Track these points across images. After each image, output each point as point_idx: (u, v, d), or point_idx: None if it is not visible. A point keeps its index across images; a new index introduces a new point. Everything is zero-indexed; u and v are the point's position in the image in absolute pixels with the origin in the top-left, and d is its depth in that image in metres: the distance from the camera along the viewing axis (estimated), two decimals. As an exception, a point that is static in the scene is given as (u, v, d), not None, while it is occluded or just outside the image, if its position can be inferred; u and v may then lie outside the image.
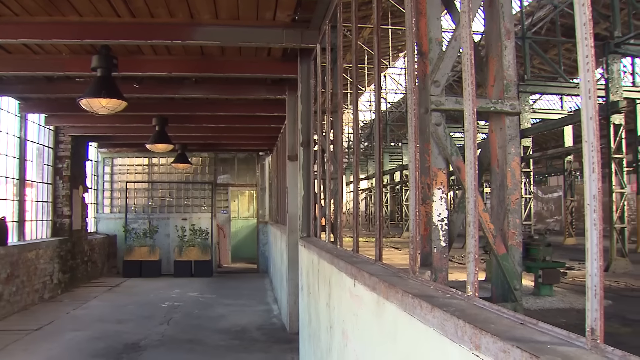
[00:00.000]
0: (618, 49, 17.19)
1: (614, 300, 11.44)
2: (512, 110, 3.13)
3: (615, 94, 17.09)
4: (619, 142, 17.02)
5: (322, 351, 5.24)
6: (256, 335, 9.49)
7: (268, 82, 10.06)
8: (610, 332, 8.80)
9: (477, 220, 2.21)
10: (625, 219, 17.22)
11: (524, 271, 12.67)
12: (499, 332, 1.67)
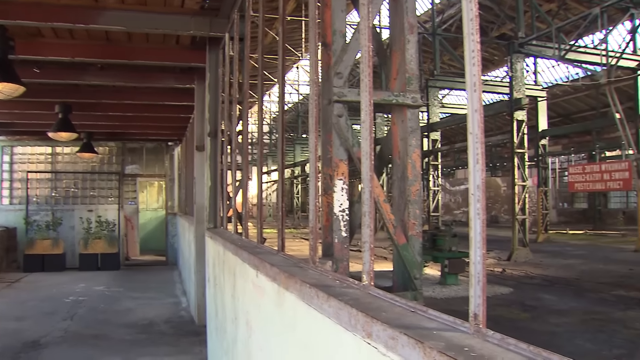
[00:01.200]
0: (522, 49, 17.89)
1: (515, 288, 11.95)
2: (414, 103, 3.18)
3: (519, 92, 17.80)
4: (521, 138, 17.74)
5: (228, 343, 5.21)
6: (164, 329, 9.32)
7: (177, 70, 9.87)
8: (511, 318, 9.18)
9: (373, 210, 2.23)
10: (526, 210, 18.01)
11: (431, 261, 13.09)
12: (389, 319, 1.70)
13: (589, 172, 20.54)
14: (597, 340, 7.88)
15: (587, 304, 10.28)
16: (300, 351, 2.70)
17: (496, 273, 14.23)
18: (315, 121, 2.95)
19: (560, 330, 8.44)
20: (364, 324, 1.78)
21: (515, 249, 17.03)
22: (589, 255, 18.18)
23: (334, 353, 2.18)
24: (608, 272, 14.37)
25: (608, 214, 35.82)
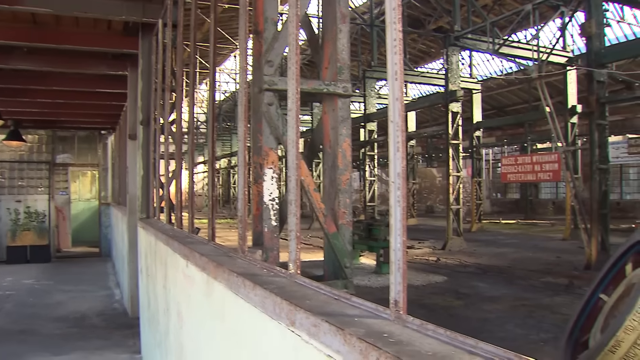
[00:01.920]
0: (457, 42, 18.16)
1: (449, 276, 12.17)
2: (345, 93, 3.18)
3: (454, 84, 18.09)
4: (456, 129, 18.05)
5: (161, 334, 5.13)
6: (96, 322, 9.10)
7: (109, 57, 9.59)
8: (445, 306, 9.35)
9: (299, 199, 2.22)
10: (460, 200, 18.37)
11: (367, 250, 13.22)
12: (313, 307, 1.69)
13: (520, 164, 21.08)
14: (526, 325, 8.11)
15: (518, 291, 10.56)
16: (228, 341, 2.68)
17: (431, 262, 14.48)
18: (244, 109, 2.92)
19: (492, 316, 8.65)
20: (288, 312, 1.78)
21: (449, 238, 17.36)
22: (520, 244, 18.70)
23: (260, 342, 2.16)
24: (538, 260, 14.81)
25: (539, 204, 36.91)
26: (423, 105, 27.20)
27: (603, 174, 13.40)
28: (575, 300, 9.25)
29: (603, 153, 13.52)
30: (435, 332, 1.38)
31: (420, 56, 33.33)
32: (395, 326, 1.49)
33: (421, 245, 18.29)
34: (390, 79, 1.52)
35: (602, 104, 13.62)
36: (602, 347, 3.57)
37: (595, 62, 13.51)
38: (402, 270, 1.50)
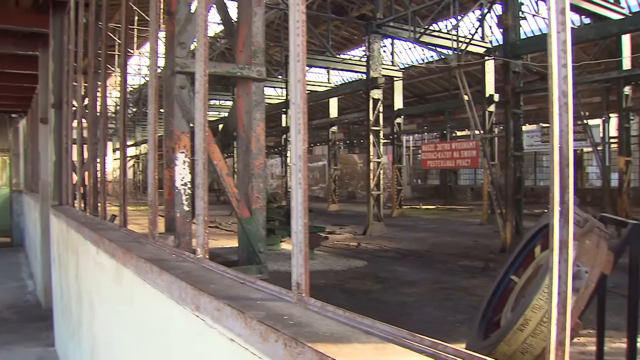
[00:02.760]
0: (379, 30, 18.30)
1: (370, 261, 12.31)
2: (259, 77, 3.15)
3: (375, 71, 18.24)
4: (377, 116, 18.23)
5: (74, 325, 4.98)
6: (6, 315, 8.73)
7: (18, 35, 9.11)
8: (365, 290, 9.44)
9: (206, 182, 2.19)
10: (381, 186, 18.61)
11: (288, 236, 13.22)
12: (217, 291, 1.67)
13: (440, 150, 21.54)
14: (444, 307, 8.30)
15: (436, 274, 10.79)
16: (137, 328, 2.63)
17: (352, 247, 14.62)
18: (154, 92, 2.85)
19: (410, 299, 8.80)
20: (193, 296, 1.75)
21: (370, 224, 17.58)
22: (439, 229, 19.13)
23: (167, 328, 2.13)
24: (456, 244, 15.20)
25: (458, 190, 37.88)
26: (345, 92, 27.34)
27: (517, 161, 13.88)
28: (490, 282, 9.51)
29: (518, 141, 13.99)
30: (335, 313, 1.38)
31: (343, 43, 33.48)
32: (297, 308, 1.48)
33: (342, 230, 18.46)
34: (292, 60, 1.51)
35: (517, 93, 14.08)
36: (511, 325, 3.69)
37: (511, 53, 13.93)
38: (304, 253, 1.50)
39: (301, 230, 1.50)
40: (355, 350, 1.14)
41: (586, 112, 21.20)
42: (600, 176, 22.58)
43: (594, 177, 31.05)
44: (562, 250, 1.04)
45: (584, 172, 32.27)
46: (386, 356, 1.13)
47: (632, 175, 23.68)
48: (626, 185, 17.30)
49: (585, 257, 3.81)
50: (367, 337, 1.23)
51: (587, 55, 22.64)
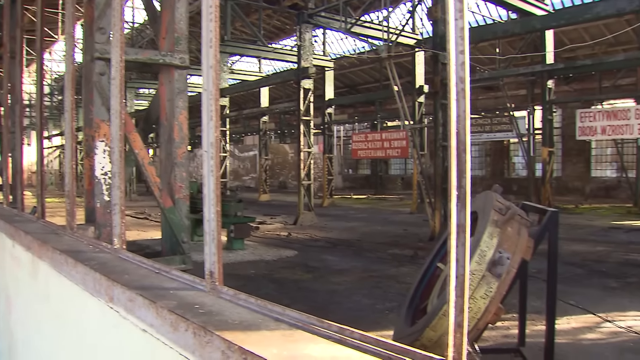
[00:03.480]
0: (311, 20, 18.27)
1: (300, 251, 12.33)
2: (182, 64, 3.10)
3: (306, 61, 18.24)
4: (308, 106, 18.25)
5: (-8, 322, 4.80)
6: None
7: None
8: (295, 279, 9.45)
9: (122, 172, 2.14)
10: (312, 176, 18.65)
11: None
12: (130, 282, 1.64)
13: (371, 140, 21.75)
14: (373, 295, 8.38)
15: (366, 263, 10.90)
16: (54, 323, 2.55)
17: (282, 237, 14.62)
18: (71, 78, 2.76)
19: (340, 288, 8.86)
20: (107, 288, 1.71)
21: (301, 213, 17.62)
22: (369, 218, 19.34)
23: (82, 321, 2.08)
24: (386, 232, 15.39)
25: (389, 180, 38.37)
26: (276, 82, 27.24)
27: (446, 151, 14.14)
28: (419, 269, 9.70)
29: (446, 131, 14.25)
30: (247, 301, 1.38)
31: (274, 32, 33.30)
32: (209, 297, 1.47)
33: (273, 220, 18.43)
34: (205, 46, 1.48)
35: (445, 85, 14.31)
36: (437, 311, 3.77)
37: (440, 45, 14.17)
38: (217, 241, 1.49)
39: (213, 218, 1.48)
40: (263, 338, 1.14)
41: (512, 104, 21.81)
42: (525, 166, 23.29)
43: (520, 167, 31.98)
44: (460, 234, 1.07)
45: (511, 162, 33.21)
46: (293, 342, 1.13)
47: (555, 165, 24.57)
48: (549, 175, 17.91)
49: (507, 243, 3.92)
50: (276, 324, 1.23)
51: (513, 49, 23.28)
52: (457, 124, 1.10)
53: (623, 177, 25.20)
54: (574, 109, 21.55)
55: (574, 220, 18.53)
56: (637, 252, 11.90)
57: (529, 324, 6.33)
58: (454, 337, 1.10)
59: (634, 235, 14.75)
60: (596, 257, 11.43)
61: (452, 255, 1.09)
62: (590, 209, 22.93)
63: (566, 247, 12.46)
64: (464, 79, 1.10)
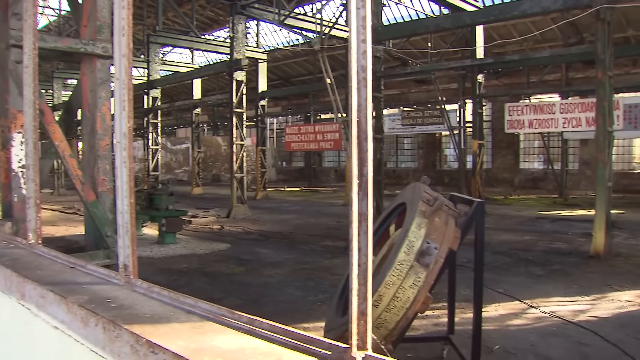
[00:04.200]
0: (244, 11, 18.14)
1: (233, 244, 12.27)
2: (104, 53, 3.02)
3: (239, 53, 18.09)
4: (240, 98, 18.12)
5: None
6: None
7: None
8: (228, 273, 9.39)
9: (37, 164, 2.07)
10: (245, 169, 18.56)
11: (149, 221, 12.90)
12: (43, 278, 1.59)
13: (304, 133, 21.82)
14: (306, 287, 8.41)
15: (299, 255, 10.92)
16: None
17: (215, 230, 14.51)
18: (-16, 66, 2.65)
19: (273, 280, 8.85)
20: (18, 284, 1.65)
21: (234, 206, 17.52)
22: (303, 210, 19.39)
23: (-7, 319, 2.00)
24: (319, 225, 15.47)
25: (322, 172, 38.56)
26: (208, 73, 26.90)
27: (378, 143, 14.33)
28: (350, 261, 9.79)
29: (378, 124, 14.45)
30: (160, 294, 1.36)
31: (208, 23, 32.88)
32: (123, 291, 1.44)
33: (206, 214, 18.27)
34: (117, 34, 1.45)
35: (378, 77, 14.50)
36: (366, 301, 3.80)
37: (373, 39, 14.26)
38: (130, 234, 1.46)
39: (127, 211, 1.45)
40: (172, 330, 1.13)
41: (444, 98, 22.23)
42: (457, 158, 23.83)
43: (452, 159, 32.64)
44: (362, 223, 1.08)
45: (443, 155, 33.88)
46: (202, 334, 1.12)
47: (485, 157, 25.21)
48: (479, 167, 18.35)
49: (435, 234, 4.00)
50: (187, 316, 1.22)
51: (445, 43, 23.71)
52: (359, 112, 1.11)
53: (549, 169, 26.13)
54: (503, 102, 22.16)
55: (503, 210, 19.08)
56: (561, 241, 12.35)
57: (459, 312, 6.50)
58: (357, 325, 1.10)
59: (559, 224, 15.30)
60: (523, 246, 11.79)
61: (354, 243, 1.10)
62: (518, 199, 23.66)
63: (495, 237, 12.82)
64: (365, 68, 1.11)
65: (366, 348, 1.08)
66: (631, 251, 11.03)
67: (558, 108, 18.58)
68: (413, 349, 5.56)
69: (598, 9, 10.36)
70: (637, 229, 14.03)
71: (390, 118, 29.35)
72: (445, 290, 5.72)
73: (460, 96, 25.25)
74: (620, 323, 6.46)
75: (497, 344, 5.65)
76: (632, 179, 25.87)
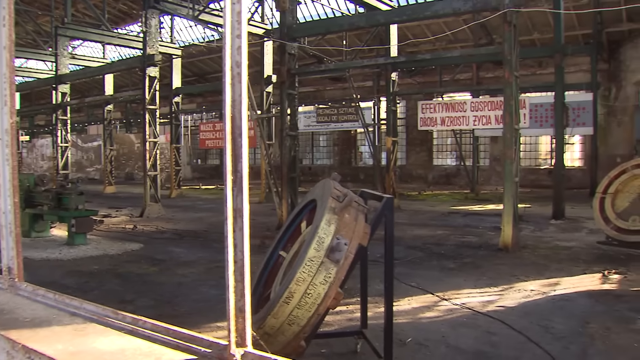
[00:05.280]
0: (157, 5, 17.75)
1: (146, 243, 12.01)
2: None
3: (152, 48, 17.69)
4: (153, 94, 17.74)
5: None
6: None
7: None
8: (140, 273, 9.19)
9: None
10: (158, 167, 18.21)
11: (58, 221, 12.44)
12: None
13: (219, 130, 21.56)
14: (220, 286, 8.29)
15: (213, 254, 10.79)
16: None
17: (128, 230, 14.16)
18: None
19: (187, 280, 8.72)
20: None
21: (147, 205, 17.17)
22: (218, 208, 19.11)
23: None
24: (234, 223, 15.35)
25: (238, 170, 38.25)
26: (120, 69, 26.26)
27: (292, 140, 14.37)
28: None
29: (293, 121, 14.47)
30: (45, 296, 1.30)
31: (120, 17, 32.07)
32: (5, 295, 1.37)
33: (118, 213, 17.83)
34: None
35: (292, 75, 14.52)
36: (278, 299, 3.80)
37: (287, 36, 14.32)
38: (15, 235, 1.39)
39: (10, 210, 1.38)
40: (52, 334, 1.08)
41: (358, 95, 22.49)
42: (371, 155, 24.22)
43: (367, 156, 33.14)
44: (237, 219, 1.06)
45: (358, 152, 34.35)
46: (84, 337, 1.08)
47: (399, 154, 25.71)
48: (393, 163, 18.66)
49: (345, 230, 4.02)
50: (71, 318, 1.17)
51: (361, 42, 24.03)
52: (233, 108, 1.09)
53: (461, 165, 26.96)
54: (417, 100, 22.64)
55: (417, 206, 19.53)
56: (472, 235, 12.75)
57: (373, 307, 6.60)
58: (235, 321, 1.09)
59: (470, 219, 15.80)
60: (436, 240, 12.10)
61: (230, 240, 1.09)
62: (432, 195, 24.28)
63: (409, 232, 13.10)
64: (240, 63, 1.09)
65: (245, 345, 1.07)
66: (537, 243, 11.52)
67: (469, 106, 19.14)
68: (327, 345, 5.60)
69: (505, 12, 10.75)
70: (543, 222, 14.67)
71: (305, 115, 29.50)
72: (359, 285, 5.79)
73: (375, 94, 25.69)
74: (526, 311, 6.75)
75: (409, 337, 5.77)
76: (538, 175, 27.06)
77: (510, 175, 10.86)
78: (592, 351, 5.42)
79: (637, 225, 10.13)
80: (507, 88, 10.86)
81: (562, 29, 16.12)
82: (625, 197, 10.63)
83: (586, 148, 25.56)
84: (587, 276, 8.66)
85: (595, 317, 6.53)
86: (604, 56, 23.92)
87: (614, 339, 5.77)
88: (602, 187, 10.93)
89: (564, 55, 15.78)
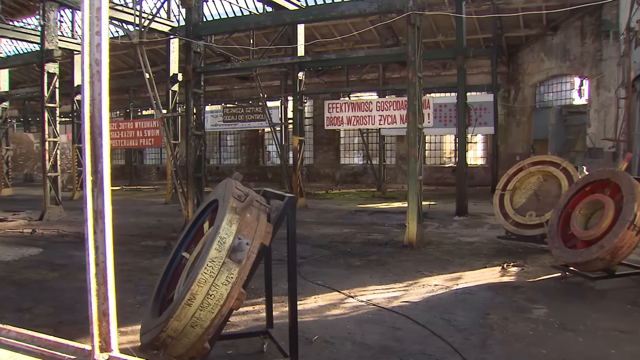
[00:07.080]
0: (56, -2, 17.10)
1: (46, 248, 11.56)
2: None
3: (51, 43, 17.01)
4: (53, 92, 17.07)
5: None
6: None
7: None
8: (39, 279, 8.83)
9: None
10: (59, 167, 17.54)
11: None
12: None
13: (123, 130, 20.96)
14: (124, 289, 8.08)
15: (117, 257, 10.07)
16: None
17: (26, 234, 13.54)
18: None
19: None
20: None
21: (47, 208, 16.50)
22: (123, 210, 18.63)
23: None
24: (139, 224, 14.99)
25: (144, 170, 37.59)
26: (16, 64, 25.06)
27: (198, 139, 14.19)
28: (170, 260, 9.59)
29: (199, 120, 14.28)
30: None
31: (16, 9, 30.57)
32: None
33: (16, 217, 17.04)
34: None
35: (198, 73, 14.33)
36: (180, 301, 3.74)
37: (193, 34, 14.14)
38: None
39: None
40: None
41: (265, 95, 22.46)
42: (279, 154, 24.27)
43: (275, 156, 33.18)
44: (98, 220, 1.02)
45: (266, 151, 34.34)
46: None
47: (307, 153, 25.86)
48: (300, 162, 18.74)
49: (247, 229, 4.00)
50: None
51: (268, 41, 24.00)
52: (92, 107, 1.04)
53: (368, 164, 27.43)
54: (324, 100, 22.85)
55: (325, 205, 19.71)
56: (378, 232, 12.99)
57: (279, 306, 6.61)
58: (99, 326, 1.04)
59: (377, 216, 16.09)
60: (343, 238, 12.24)
61: (91, 242, 1.04)
62: (339, 194, 24.58)
63: (316, 231, 13.20)
64: (99, 61, 1.04)
65: (110, 349, 1.02)
66: (441, 239, 11.87)
67: (375, 106, 19.50)
68: (233, 346, 5.56)
69: (409, 15, 11.01)
70: (447, 219, 15.13)
71: (212, 114, 29.24)
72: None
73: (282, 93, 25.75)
74: (429, 306, 6.95)
75: (316, 335, 5.81)
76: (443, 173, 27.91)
77: (414, 174, 11.13)
78: (491, 341, 5.63)
79: (533, 220, 10.62)
80: (411, 88, 11.12)
81: (464, 33, 16.70)
82: (522, 194, 11.14)
83: (488, 147, 26.59)
84: (488, 270, 9.00)
85: (495, 309, 6.82)
86: (504, 59, 25.02)
87: (511, 328, 6.04)
88: (501, 184, 11.41)
89: (465, 57, 16.34)
